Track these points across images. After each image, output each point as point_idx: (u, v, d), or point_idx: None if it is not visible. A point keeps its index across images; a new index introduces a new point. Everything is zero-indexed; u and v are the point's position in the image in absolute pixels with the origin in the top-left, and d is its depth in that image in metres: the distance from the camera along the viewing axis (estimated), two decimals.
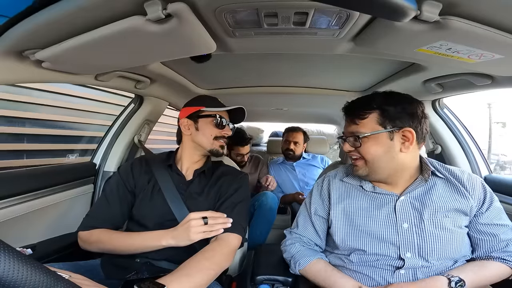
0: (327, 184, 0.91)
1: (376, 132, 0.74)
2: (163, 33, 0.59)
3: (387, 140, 0.74)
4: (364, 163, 0.78)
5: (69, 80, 0.92)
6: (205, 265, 0.74)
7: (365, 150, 0.76)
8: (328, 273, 0.80)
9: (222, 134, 0.98)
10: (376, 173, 0.78)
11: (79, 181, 1.29)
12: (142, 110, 1.46)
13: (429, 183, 0.79)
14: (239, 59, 1.10)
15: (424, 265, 0.72)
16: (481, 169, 1.29)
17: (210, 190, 0.95)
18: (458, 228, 0.75)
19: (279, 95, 1.62)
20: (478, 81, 0.90)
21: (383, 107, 0.75)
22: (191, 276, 0.70)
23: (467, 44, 0.57)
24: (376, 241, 0.76)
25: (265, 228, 1.69)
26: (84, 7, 0.52)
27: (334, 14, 0.59)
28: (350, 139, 0.79)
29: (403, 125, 0.74)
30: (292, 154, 2.23)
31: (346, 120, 0.82)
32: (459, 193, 0.76)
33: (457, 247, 0.74)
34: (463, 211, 0.75)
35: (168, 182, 0.94)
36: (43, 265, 0.38)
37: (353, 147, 0.78)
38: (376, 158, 0.75)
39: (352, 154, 0.80)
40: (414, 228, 0.74)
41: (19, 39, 0.62)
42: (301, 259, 0.84)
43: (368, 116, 0.76)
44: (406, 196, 0.78)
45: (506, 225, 0.76)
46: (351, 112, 0.80)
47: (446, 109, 1.37)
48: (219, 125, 0.97)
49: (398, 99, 0.77)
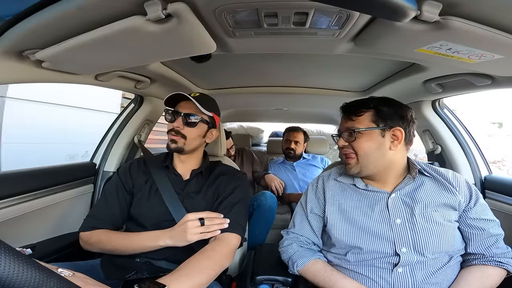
0: (321, 183, 0.93)
1: (370, 129, 0.81)
2: (163, 33, 0.59)
3: (379, 137, 0.80)
4: (357, 160, 0.82)
5: (69, 80, 0.92)
6: (205, 265, 0.74)
7: (359, 144, 0.81)
8: (328, 273, 0.80)
9: (172, 126, 0.94)
10: (367, 169, 0.82)
11: (79, 181, 1.29)
12: (142, 110, 1.46)
13: (417, 181, 0.83)
14: (239, 59, 1.10)
15: (420, 260, 0.74)
16: (481, 169, 1.29)
17: (208, 190, 0.95)
18: (448, 222, 0.78)
19: (279, 95, 1.62)
20: (478, 81, 0.90)
21: (378, 107, 0.82)
22: (191, 276, 0.70)
23: (467, 44, 0.57)
24: (372, 238, 0.78)
25: (264, 228, 1.69)
26: (84, 7, 0.52)
27: (334, 14, 0.59)
28: (345, 134, 0.84)
29: (393, 124, 0.81)
30: (293, 153, 2.23)
31: (343, 118, 0.88)
32: (446, 189, 0.81)
33: (449, 240, 0.76)
34: (452, 205, 0.79)
35: (165, 183, 0.94)
36: (43, 265, 0.38)
37: (347, 142, 0.84)
38: (368, 153, 0.81)
39: (345, 150, 0.85)
40: (407, 223, 0.78)
41: (19, 39, 0.62)
42: (299, 260, 0.85)
43: (363, 113, 0.82)
44: (397, 194, 0.82)
45: (493, 220, 0.80)
46: (348, 110, 0.86)
47: (446, 109, 1.37)
48: (169, 118, 0.96)
49: (391, 103, 0.84)
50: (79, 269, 0.82)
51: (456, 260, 0.78)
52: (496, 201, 1.14)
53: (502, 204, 1.11)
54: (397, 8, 0.41)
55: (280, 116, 2.62)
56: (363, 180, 0.87)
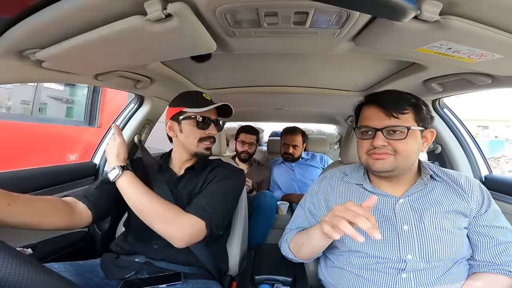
0: (326, 184, 0.90)
1: (417, 128, 0.74)
2: (163, 33, 0.59)
3: (419, 138, 0.76)
4: (395, 159, 0.74)
5: (69, 80, 0.92)
6: (169, 211, 0.79)
7: (406, 145, 0.73)
8: (307, 229, 0.83)
9: (207, 134, 0.94)
10: (401, 169, 0.76)
11: (79, 181, 1.29)
12: (142, 110, 1.47)
13: (428, 187, 0.79)
14: (239, 59, 1.10)
15: (425, 268, 0.72)
16: (481, 169, 1.29)
17: (203, 185, 0.94)
18: (458, 229, 0.75)
19: (279, 95, 1.62)
20: (479, 81, 0.90)
21: (418, 105, 0.75)
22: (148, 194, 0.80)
23: (467, 44, 0.57)
24: (376, 243, 0.75)
25: (264, 228, 1.69)
26: (84, 7, 0.52)
27: (334, 14, 0.59)
28: (385, 133, 0.73)
29: (427, 126, 0.77)
30: (291, 157, 2.21)
31: (381, 112, 0.75)
32: (459, 196, 0.77)
33: (457, 248, 0.73)
34: (463, 212, 0.76)
35: (160, 182, 0.93)
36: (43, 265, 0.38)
37: (387, 143, 0.73)
38: (410, 154, 0.75)
39: (382, 151, 0.74)
40: (414, 230, 0.74)
41: (19, 39, 0.62)
42: (289, 236, 0.88)
43: (408, 111, 0.74)
44: (405, 199, 0.78)
45: (504, 227, 0.76)
46: (391, 104, 0.74)
47: (446, 109, 1.37)
48: (202, 125, 0.93)
49: (421, 100, 0.78)
50: (79, 269, 0.83)
51: (460, 264, 0.76)
52: (496, 201, 1.14)
53: (503, 203, 1.10)
54: (397, 7, 0.41)
55: (280, 116, 2.61)
56: (372, 182, 0.83)
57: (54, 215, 0.72)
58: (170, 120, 0.96)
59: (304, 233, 0.83)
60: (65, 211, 0.75)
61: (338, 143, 3.05)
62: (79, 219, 0.78)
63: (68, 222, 0.75)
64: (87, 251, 0.90)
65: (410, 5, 0.41)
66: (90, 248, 1.19)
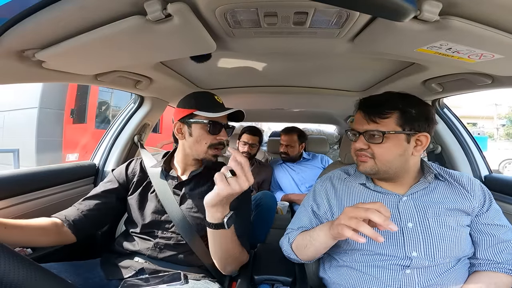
0: (328, 183, 0.90)
1: (399, 132, 0.73)
2: (163, 33, 0.59)
3: (404, 143, 0.74)
4: (374, 163, 0.76)
5: (70, 80, 0.92)
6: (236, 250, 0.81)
7: (382, 150, 0.74)
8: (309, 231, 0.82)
9: (218, 140, 0.91)
10: (384, 173, 0.77)
11: (79, 181, 1.29)
12: (142, 110, 1.46)
13: (432, 185, 0.80)
14: (239, 59, 1.10)
15: (430, 264, 0.72)
16: (481, 169, 1.29)
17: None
18: (461, 227, 0.76)
19: (279, 95, 1.62)
20: (478, 81, 0.90)
21: (404, 109, 0.74)
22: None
23: (467, 44, 0.57)
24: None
25: (264, 228, 1.69)
26: (84, 7, 0.52)
27: (334, 14, 0.59)
28: (366, 136, 0.76)
29: (420, 129, 0.74)
30: (286, 156, 2.22)
31: (362, 117, 0.77)
32: (461, 194, 0.78)
33: (461, 245, 0.74)
34: (465, 211, 0.77)
35: (162, 185, 0.92)
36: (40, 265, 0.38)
37: (366, 146, 0.76)
38: (390, 160, 0.75)
39: (361, 153, 0.78)
40: (419, 227, 0.75)
41: (19, 39, 0.62)
42: (291, 235, 0.87)
43: (390, 116, 0.74)
44: (409, 197, 0.78)
45: (505, 225, 0.77)
46: (370, 109, 0.76)
47: (446, 109, 1.37)
48: (213, 130, 0.89)
49: (417, 102, 0.76)
50: (79, 269, 0.83)
51: (463, 263, 0.76)
52: (496, 201, 1.14)
53: (503, 203, 1.10)
54: (397, 7, 0.41)
55: (280, 116, 2.61)
56: (374, 181, 0.84)
57: (45, 235, 0.79)
58: (179, 121, 0.92)
59: (307, 235, 0.82)
60: (54, 231, 0.81)
61: (338, 143, 3.05)
62: (65, 236, 0.85)
63: (57, 240, 0.83)
64: (87, 251, 0.90)
65: (410, 5, 0.41)
66: (90, 248, 1.19)
